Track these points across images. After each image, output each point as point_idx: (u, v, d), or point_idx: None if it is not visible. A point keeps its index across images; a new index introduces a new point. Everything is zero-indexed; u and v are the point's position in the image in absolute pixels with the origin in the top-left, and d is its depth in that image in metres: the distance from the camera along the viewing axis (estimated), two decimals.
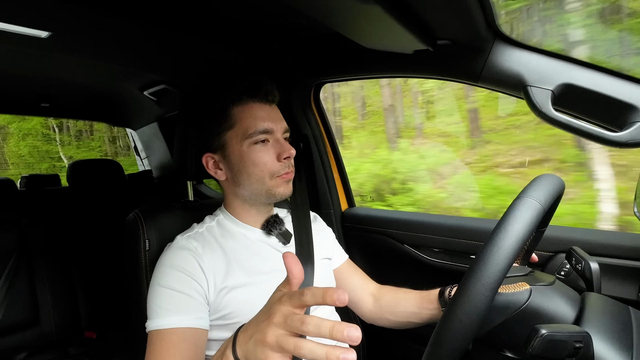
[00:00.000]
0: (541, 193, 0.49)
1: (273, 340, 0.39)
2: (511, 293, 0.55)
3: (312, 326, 0.37)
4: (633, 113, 0.68)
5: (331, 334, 0.36)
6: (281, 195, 0.76)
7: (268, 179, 0.74)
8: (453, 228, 1.06)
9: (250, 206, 0.79)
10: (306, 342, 0.38)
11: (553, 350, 0.43)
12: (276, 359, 0.39)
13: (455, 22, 0.72)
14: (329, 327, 0.36)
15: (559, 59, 0.75)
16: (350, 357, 0.35)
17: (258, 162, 0.73)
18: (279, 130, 0.75)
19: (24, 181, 2.02)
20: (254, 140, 0.73)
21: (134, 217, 0.83)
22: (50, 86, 1.58)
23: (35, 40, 0.93)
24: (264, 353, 0.40)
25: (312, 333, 0.37)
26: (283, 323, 0.39)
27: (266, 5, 0.86)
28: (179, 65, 1.28)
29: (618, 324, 0.51)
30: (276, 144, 0.74)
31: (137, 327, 0.79)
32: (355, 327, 0.35)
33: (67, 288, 1.60)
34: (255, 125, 0.72)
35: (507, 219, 0.46)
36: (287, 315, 0.40)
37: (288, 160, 0.75)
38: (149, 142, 2.21)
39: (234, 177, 0.76)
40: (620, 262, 0.80)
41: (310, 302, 0.39)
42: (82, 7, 0.79)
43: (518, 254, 0.45)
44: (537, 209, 0.46)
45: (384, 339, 1.22)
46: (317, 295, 0.38)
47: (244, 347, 0.44)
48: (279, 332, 0.40)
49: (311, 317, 0.38)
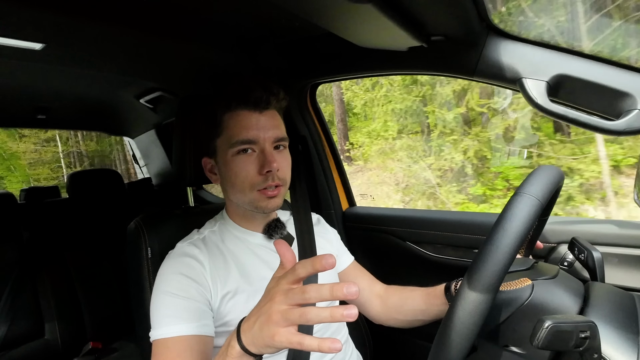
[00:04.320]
0: (538, 188, 0.48)
1: (278, 317, 0.42)
2: (513, 290, 0.55)
3: (313, 292, 0.40)
4: (629, 101, 0.68)
5: (332, 294, 0.39)
6: (264, 208, 0.72)
7: (248, 191, 0.71)
8: (454, 223, 1.06)
9: (245, 211, 0.77)
10: (310, 308, 0.41)
11: (559, 341, 0.43)
12: (284, 332, 0.41)
13: (448, 18, 0.72)
14: (328, 289, 0.40)
15: (553, 50, 0.75)
16: (353, 312, 0.38)
17: (239, 172, 0.70)
18: (267, 140, 0.71)
19: (24, 194, 2.02)
20: (236, 149, 0.70)
21: (135, 225, 0.83)
22: (46, 98, 1.57)
23: (30, 53, 0.93)
24: (270, 330, 0.42)
25: (314, 298, 0.40)
26: (285, 299, 0.42)
27: (259, 8, 0.86)
28: (174, 71, 1.27)
29: (623, 312, 0.51)
30: (260, 155, 0.71)
31: (142, 336, 0.78)
32: (353, 283, 0.38)
33: (71, 299, 1.60)
34: (239, 135, 0.69)
35: (505, 217, 0.46)
36: (286, 291, 0.43)
37: (270, 174, 0.70)
38: (147, 150, 2.21)
39: (223, 184, 0.76)
40: (623, 251, 0.80)
41: (303, 273, 0.42)
42: (75, 17, 0.79)
43: (517, 252, 0.45)
44: (535, 205, 0.46)
45: (390, 336, 1.22)
46: (307, 265, 0.41)
47: (249, 333, 0.46)
48: (282, 307, 0.42)
49: (310, 285, 0.41)
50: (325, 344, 0.39)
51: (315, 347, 0.39)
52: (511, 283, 0.56)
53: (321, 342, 0.39)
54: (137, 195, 2.12)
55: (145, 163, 2.33)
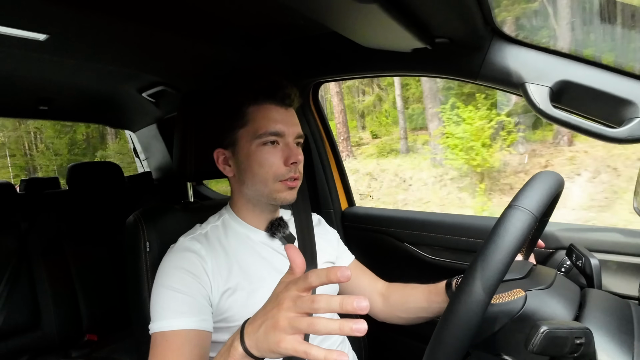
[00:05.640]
0: (533, 200, 0.47)
1: (285, 324, 0.41)
2: (505, 303, 0.54)
3: (323, 303, 0.39)
4: (631, 109, 0.68)
5: (342, 307, 0.38)
6: (282, 200, 0.75)
7: (271, 182, 0.73)
8: (453, 226, 1.06)
9: (254, 206, 0.78)
10: (319, 319, 0.40)
11: (554, 347, 0.43)
12: (290, 340, 0.41)
13: (453, 20, 0.72)
14: (338, 301, 0.39)
15: (557, 56, 0.75)
16: (362, 326, 0.37)
17: (264, 163, 0.72)
18: (291, 134, 0.74)
19: (24, 184, 2.02)
20: (263, 140, 0.72)
21: (135, 219, 0.83)
22: (49, 89, 1.57)
23: (33, 43, 0.93)
24: (276, 336, 0.42)
25: (323, 309, 0.39)
26: (293, 306, 0.41)
27: (265, 5, 0.86)
28: (177, 66, 1.27)
29: (619, 320, 0.51)
30: (285, 147, 0.74)
31: (138, 329, 0.79)
32: (364, 297, 0.37)
33: (68, 291, 1.60)
34: (267, 127, 0.72)
35: (497, 232, 0.45)
36: (295, 298, 0.42)
37: (295, 166, 0.73)
38: (148, 144, 2.21)
39: (240, 175, 0.76)
40: (620, 259, 0.80)
41: (316, 282, 0.41)
42: (80, 9, 0.79)
43: (509, 267, 0.44)
44: (529, 220, 0.45)
45: (385, 337, 1.22)
46: (321, 275, 0.40)
47: (253, 336, 0.45)
48: (290, 315, 0.41)
49: (320, 296, 0.40)
50: (332, 355, 0.38)
51: (321, 358, 0.39)
52: (503, 295, 0.56)
53: (328, 353, 0.38)
54: (137, 189, 2.12)
55: (146, 157, 2.34)
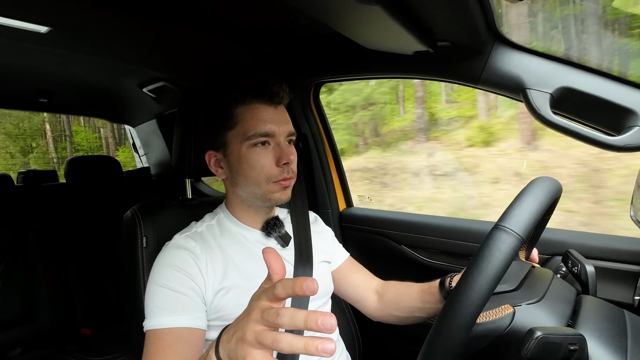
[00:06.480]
0: (521, 220, 0.46)
1: (252, 337, 0.38)
2: (491, 321, 0.53)
3: (287, 318, 0.36)
4: (631, 117, 0.68)
5: (306, 324, 0.35)
6: (277, 200, 0.74)
7: (264, 183, 0.72)
8: (450, 229, 1.07)
9: (249, 207, 0.78)
10: (284, 335, 0.37)
11: (548, 353, 0.43)
12: (257, 355, 0.38)
13: (455, 24, 0.72)
14: (303, 317, 0.35)
15: (559, 62, 0.75)
16: (329, 346, 0.34)
17: (255, 165, 0.71)
18: (282, 133, 0.73)
19: (22, 177, 2.01)
20: (253, 142, 0.71)
21: (132, 214, 0.83)
22: (49, 81, 1.57)
23: (35, 36, 0.92)
24: (244, 350, 0.39)
25: (287, 325, 0.36)
26: (260, 318, 0.39)
27: (268, 4, 0.86)
28: (178, 63, 1.27)
29: (613, 327, 0.51)
30: (277, 147, 0.72)
31: (132, 324, 0.78)
32: (330, 314, 0.34)
33: (64, 284, 1.60)
34: (256, 128, 0.70)
35: (481, 256, 0.45)
36: (263, 309, 0.39)
37: (287, 166, 0.72)
38: (148, 140, 2.21)
39: (233, 177, 0.75)
40: (616, 266, 0.80)
41: (282, 294, 0.38)
42: (83, 2, 0.79)
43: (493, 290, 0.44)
44: (514, 242, 0.44)
45: (379, 337, 1.22)
46: (287, 286, 0.37)
47: (226, 346, 0.43)
48: (257, 327, 0.39)
49: (286, 309, 0.37)
50: None
51: None
52: (491, 313, 0.55)
53: None
54: (135, 184, 2.12)
55: (145, 152, 2.33)
